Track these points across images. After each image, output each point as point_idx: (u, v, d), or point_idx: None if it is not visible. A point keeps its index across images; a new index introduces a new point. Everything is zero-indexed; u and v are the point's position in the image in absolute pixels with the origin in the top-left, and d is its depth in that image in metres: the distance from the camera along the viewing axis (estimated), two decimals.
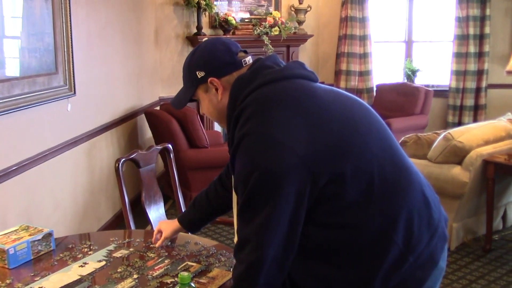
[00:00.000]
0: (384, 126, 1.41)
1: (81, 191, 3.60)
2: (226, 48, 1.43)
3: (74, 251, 1.86)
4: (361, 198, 1.26)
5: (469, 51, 6.33)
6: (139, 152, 2.34)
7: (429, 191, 1.41)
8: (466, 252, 3.65)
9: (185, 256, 1.81)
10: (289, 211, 1.22)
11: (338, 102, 1.35)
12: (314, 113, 1.28)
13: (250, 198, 1.24)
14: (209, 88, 1.43)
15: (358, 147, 1.29)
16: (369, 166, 1.28)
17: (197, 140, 4.54)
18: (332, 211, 1.26)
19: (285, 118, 1.25)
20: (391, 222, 1.28)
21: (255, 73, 1.37)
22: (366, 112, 1.40)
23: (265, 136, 1.23)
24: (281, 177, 1.20)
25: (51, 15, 3.01)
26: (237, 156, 1.28)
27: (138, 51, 4.87)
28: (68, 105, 3.32)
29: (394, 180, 1.31)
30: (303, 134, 1.23)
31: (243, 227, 1.27)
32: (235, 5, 6.04)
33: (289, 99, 1.30)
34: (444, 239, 1.40)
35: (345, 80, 6.69)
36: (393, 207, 1.29)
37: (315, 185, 1.22)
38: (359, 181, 1.26)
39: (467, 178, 3.46)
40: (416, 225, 1.31)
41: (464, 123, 6.29)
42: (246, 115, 1.29)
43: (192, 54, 1.48)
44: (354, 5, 6.50)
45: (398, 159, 1.36)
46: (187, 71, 1.47)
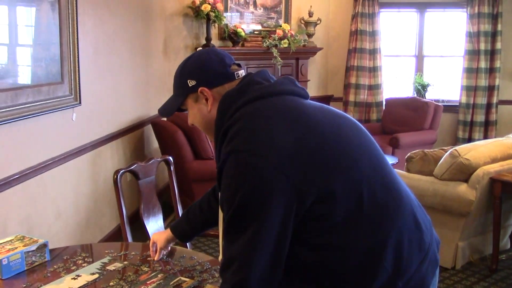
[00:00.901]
0: (375, 145, 1.38)
1: (84, 201, 3.60)
2: (219, 59, 1.42)
3: (68, 263, 1.85)
4: (349, 219, 1.23)
5: (480, 67, 6.29)
6: (139, 163, 2.33)
7: (421, 213, 1.38)
8: (472, 271, 3.58)
9: (179, 271, 1.79)
10: (275, 231, 1.19)
11: (328, 120, 1.33)
12: (303, 131, 1.25)
13: (235, 217, 1.22)
14: (199, 98, 1.42)
15: (347, 166, 1.26)
16: (358, 186, 1.25)
17: (203, 152, 4.53)
18: (319, 231, 1.24)
19: (272, 136, 1.23)
20: (380, 245, 1.25)
21: (243, 88, 1.35)
22: (357, 130, 1.37)
23: (251, 154, 1.21)
24: (266, 197, 1.18)
25: (57, 25, 3.03)
26: (223, 173, 1.26)
27: (146, 62, 4.89)
28: (73, 114, 3.33)
29: (384, 201, 1.28)
30: (290, 152, 1.21)
31: (228, 246, 1.25)
32: (246, 17, 6.06)
33: (276, 116, 1.27)
34: (435, 263, 1.36)
35: (354, 94, 6.66)
36: (382, 230, 1.26)
37: (302, 204, 1.20)
38: (347, 201, 1.23)
39: (474, 196, 3.41)
40: (405, 249, 1.28)
41: (474, 139, 6.23)
42: (232, 131, 1.27)
43: (185, 62, 1.47)
44: (364, 19, 6.49)
45: (388, 179, 1.34)
46: (179, 78, 1.45)
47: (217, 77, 1.40)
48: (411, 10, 6.74)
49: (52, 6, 2.96)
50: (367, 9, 6.47)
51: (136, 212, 3.48)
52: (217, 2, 5.43)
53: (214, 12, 5.37)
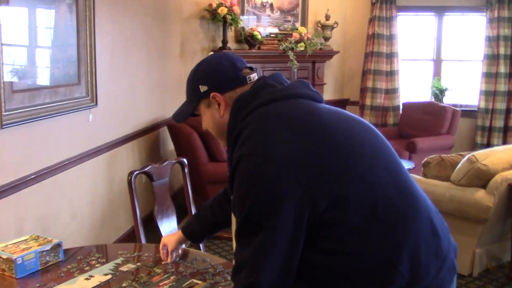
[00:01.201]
0: (390, 150, 1.36)
1: (100, 202, 3.62)
2: (230, 64, 1.41)
3: (82, 263, 1.86)
4: (363, 224, 1.21)
5: (499, 71, 6.20)
6: (153, 165, 2.34)
7: (438, 219, 1.35)
8: (490, 279, 3.53)
9: (191, 274, 1.78)
10: (286, 236, 1.18)
11: (342, 124, 1.32)
12: (316, 134, 1.24)
13: (247, 221, 1.21)
14: (211, 103, 1.41)
15: (362, 170, 1.24)
16: (373, 191, 1.24)
17: (218, 154, 4.54)
18: (333, 237, 1.22)
19: (284, 140, 1.22)
20: (396, 251, 1.23)
21: (256, 91, 1.34)
22: (372, 135, 1.35)
23: (263, 158, 1.20)
24: (278, 201, 1.17)
25: (75, 27, 3.05)
26: (235, 177, 1.25)
27: (163, 64, 4.91)
28: (90, 115, 3.35)
29: (400, 206, 1.26)
30: (303, 156, 1.19)
31: (239, 250, 1.24)
32: (263, 19, 6.06)
33: (289, 119, 1.26)
34: (453, 270, 1.34)
35: (371, 98, 6.62)
36: (398, 235, 1.24)
37: (314, 210, 1.18)
38: (361, 207, 1.21)
39: (491, 203, 3.35)
40: (423, 255, 1.25)
41: (493, 145, 6.14)
42: (245, 135, 1.27)
43: (196, 67, 1.47)
44: (381, 22, 6.45)
45: (405, 185, 1.31)
46: (191, 84, 1.46)
47: (229, 81, 1.40)
48: (429, 14, 6.68)
49: (70, 9, 2.99)
50: (385, 13, 6.43)
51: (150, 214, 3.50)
52: (233, 5, 5.44)
53: (231, 15, 5.38)
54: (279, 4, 6.14)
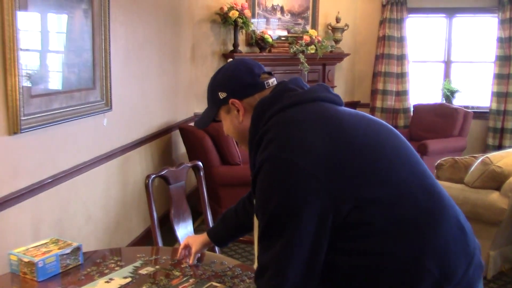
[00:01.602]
0: (412, 151, 1.36)
1: (113, 205, 3.65)
2: (248, 70, 1.43)
3: (101, 266, 1.87)
4: (390, 225, 1.22)
5: (511, 73, 6.16)
6: (169, 169, 2.35)
7: (463, 216, 1.35)
8: (504, 281, 3.51)
9: (210, 276, 1.80)
10: (310, 239, 1.18)
11: (364, 126, 1.32)
12: (338, 137, 1.25)
13: (270, 225, 1.22)
14: (231, 109, 1.43)
15: (386, 172, 1.25)
16: (398, 190, 1.24)
17: (230, 157, 4.55)
18: (358, 237, 1.22)
19: (307, 143, 1.22)
20: (424, 250, 1.23)
21: (277, 96, 1.35)
22: (393, 136, 1.36)
23: (286, 161, 1.20)
24: (301, 205, 1.18)
25: (90, 32, 3.08)
26: (258, 181, 1.26)
27: (174, 67, 4.94)
28: (104, 120, 3.38)
29: (426, 206, 1.26)
30: (326, 160, 1.20)
31: (263, 253, 1.25)
32: (273, 23, 6.07)
33: (311, 122, 1.27)
34: (480, 267, 1.33)
35: (381, 100, 6.61)
36: (426, 235, 1.24)
37: (338, 213, 1.19)
38: (387, 208, 1.22)
39: (506, 205, 3.34)
40: (452, 253, 1.25)
41: (505, 146, 6.11)
42: (267, 139, 1.27)
43: (215, 74, 1.49)
44: (392, 25, 6.44)
45: (429, 184, 1.31)
46: (210, 91, 1.48)
47: (247, 88, 1.41)
48: (440, 16, 6.67)
49: (85, 14, 3.02)
50: (395, 15, 6.42)
51: (163, 217, 3.51)
52: (245, 8, 5.46)
53: (242, 19, 5.39)
54: (289, 7, 6.16)
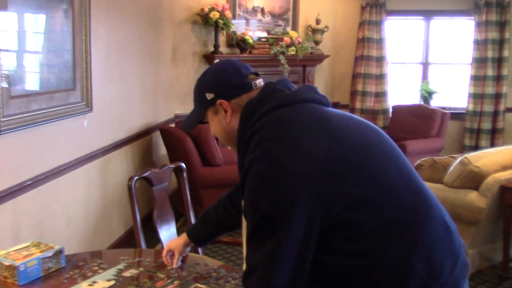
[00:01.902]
0: (398, 151, 1.38)
1: (94, 207, 3.61)
2: (235, 71, 1.43)
3: (84, 269, 1.85)
4: (378, 225, 1.22)
5: (487, 74, 6.29)
6: (153, 170, 2.34)
7: (448, 216, 1.37)
8: (482, 279, 3.57)
9: (195, 278, 1.79)
10: (298, 239, 1.19)
11: (351, 126, 1.33)
12: (327, 138, 1.25)
13: (259, 226, 1.22)
14: (218, 110, 1.43)
15: (373, 172, 1.26)
16: (386, 192, 1.25)
17: (211, 158, 4.54)
18: (347, 238, 1.23)
19: (296, 143, 1.23)
20: (411, 250, 1.24)
21: (265, 97, 1.35)
22: (380, 137, 1.37)
23: (275, 162, 1.21)
24: (290, 205, 1.18)
25: (71, 32, 3.05)
26: (247, 181, 1.26)
27: (155, 68, 4.92)
28: (85, 121, 3.35)
29: (413, 206, 1.28)
30: (315, 160, 1.20)
31: (251, 254, 1.25)
32: (253, 24, 6.08)
33: (300, 123, 1.28)
34: (466, 266, 1.35)
35: (360, 101, 6.67)
36: (413, 234, 1.25)
37: (327, 214, 1.19)
38: (375, 208, 1.22)
39: (484, 204, 3.40)
40: (438, 253, 1.27)
41: (481, 147, 6.22)
42: (256, 139, 1.27)
43: (202, 75, 1.48)
44: (371, 26, 6.51)
45: (416, 184, 1.33)
46: (197, 92, 1.47)
47: (234, 88, 1.41)
48: (418, 18, 6.76)
49: (66, 14, 2.98)
50: (374, 17, 6.49)
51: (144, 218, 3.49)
52: (225, 9, 5.45)
53: (223, 20, 5.39)
54: (270, 8, 6.17)
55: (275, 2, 6.19)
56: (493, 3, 6.18)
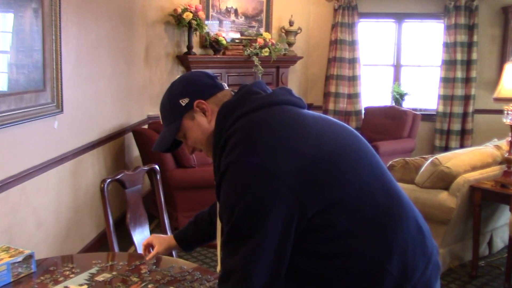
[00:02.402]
0: (373, 153, 1.39)
1: (65, 210, 3.55)
2: (203, 74, 1.45)
3: (55, 274, 1.82)
4: (353, 227, 1.23)
5: (457, 76, 6.42)
6: (126, 172, 2.31)
7: (421, 218, 1.38)
8: (453, 278, 3.64)
9: (169, 281, 1.77)
10: (275, 242, 1.19)
11: (327, 129, 1.34)
12: (304, 140, 1.25)
13: (235, 229, 1.21)
14: (196, 113, 1.41)
15: (348, 175, 1.26)
16: (361, 194, 1.26)
17: (184, 160, 4.51)
18: (322, 240, 1.23)
19: (272, 146, 1.22)
20: (385, 252, 1.25)
21: (242, 99, 1.35)
22: (355, 138, 1.38)
23: (251, 165, 1.20)
24: (267, 208, 1.17)
25: (41, 32, 2.99)
26: (222, 185, 1.25)
27: (128, 69, 4.86)
28: (55, 122, 3.28)
29: (387, 208, 1.28)
30: (291, 163, 1.20)
31: (227, 257, 1.24)
32: (226, 25, 6.07)
33: (276, 126, 1.27)
34: (438, 267, 1.37)
35: (333, 102, 6.72)
36: (387, 236, 1.26)
37: (303, 216, 1.20)
38: (350, 210, 1.23)
39: (454, 204, 3.46)
40: (410, 254, 1.28)
41: (451, 147, 6.35)
42: (232, 142, 1.26)
43: (170, 88, 1.47)
44: (343, 29, 6.57)
45: (389, 186, 1.34)
46: (168, 104, 1.44)
47: (208, 87, 1.42)
48: (389, 21, 6.85)
49: (35, 13, 2.92)
50: (347, 19, 6.55)
51: (117, 221, 3.44)
52: (198, 10, 5.43)
53: (196, 20, 5.36)
54: (243, 9, 6.17)
55: (248, 4, 6.20)
56: (462, 6, 6.31)
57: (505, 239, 3.98)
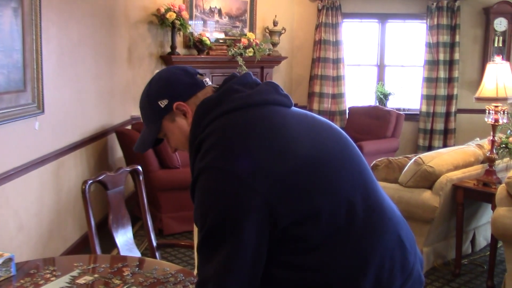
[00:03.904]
0: (359, 159, 1.33)
1: (47, 212, 3.50)
2: (182, 71, 1.36)
3: (36, 277, 1.79)
4: (325, 240, 1.19)
5: (439, 76, 6.48)
6: (107, 174, 2.28)
7: (406, 231, 1.32)
8: (436, 276, 3.66)
9: (152, 283, 1.75)
10: (249, 250, 1.15)
11: (311, 133, 1.27)
12: (281, 147, 1.19)
13: (209, 236, 1.18)
14: (176, 115, 1.34)
15: (326, 186, 1.21)
16: (337, 207, 1.20)
17: (168, 161, 4.48)
18: (295, 252, 1.19)
19: (247, 152, 1.17)
20: (360, 267, 1.20)
21: (221, 97, 1.28)
22: (341, 142, 1.32)
23: (225, 171, 1.16)
24: (240, 216, 1.14)
25: (20, 31, 2.94)
26: (196, 190, 1.21)
27: (111, 69, 4.81)
28: (36, 123, 3.24)
29: (366, 221, 1.23)
30: (266, 170, 1.16)
31: (202, 265, 1.20)
32: (210, 25, 6.05)
33: (253, 130, 1.21)
34: (420, 283, 1.31)
35: (318, 102, 6.74)
36: (363, 251, 1.21)
37: (276, 225, 1.16)
38: (324, 223, 1.18)
39: (437, 203, 3.49)
40: (387, 270, 1.22)
41: (434, 147, 6.40)
42: (206, 145, 1.22)
43: (148, 87, 1.39)
44: (327, 29, 6.58)
45: (372, 197, 1.28)
46: (148, 106, 1.37)
47: (188, 87, 1.33)
48: (373, 21, 6.89)
49: (15, 12, 2.88)
50: (331, 19, 6.57)
51: (100, 222, 3.41)
52: (182, 10, 5.40)
53: (179, 20, 5.33)
54: (227, 10, 6.16)
55: (232, 4, 6.18)
56: (444, 7, 6.37)
57: (488, 237, 4.02)
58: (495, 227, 3.03)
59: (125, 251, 2.26)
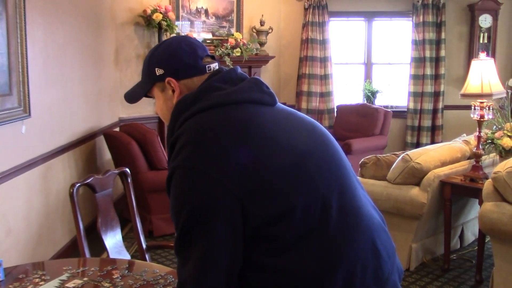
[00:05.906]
0: (340, 162, 1.31)
1: (36, 216, 3.48)
2: (191, 50, 1.34)
3: (25, 282, 1.78)
4: (299, 242, 1.17)
5: (426, 73, 6.53)
6: (95, 176, 2.27)
7: (384, 240, 1.29)
8: (426, 272, 3.69)
9: (142, 285, 1.75)
10: (223, 249, 1.15)
11: (290, 133, 1.26)
12: (255, 149, 1.19)
13: (183, 235, 1.18)
14: (166, 88, 1.35)
15: (300, 189, 1.19)
16: (311, 207, 1.19)
17: (157, 162, 4.47)
18: (268, 253, 1.18)
19: (220, 152, 1.17)
20: (329, 273, 1.18)
21: (198, 95, 1.27)
22: (321, 141, 1.31)
23: (197, 171, 1.16)
24: (213, 216, 1.14)
25: (5, 35, 2.92)
26: (171, 188, 1.21)
27: (98, 71, 4.79)
28: (23, 127, 3.21)
29: (339, 225, 1.21)
30: (239, 171, 1.15)
31: (181, 266, 1.20)
32: (197, 26, 6.04)
33: (226, 131, 1.20)
34: None
35: (306, 101, 6.75)
36: (332, 257, 1.19)
37: (248, 225, 1.16)
38: (294, 226, 1.17)
39: (425, 199, 3.52)
40: (358, 278, 1.20)
41: (422, 143, 6.45)
42: (180, 143, 1.22)
43: (155, 48, 1.40)
44: (314, 28, 6.60)
45: (349, 202, 1.26)
46: (147, 65, 1.38)
47: (186, 68, 1.33)
48: (359, 19, 6.92)
49: None
50: (317, 18, 6.59)
51: (89, 225, 3.39)
52: (168, 11, 5.39)
53: (166, 21, 5.33)
54: (214, 10, 6.15)
55: (219, 4, 6.18)
56: (429, 4, 6.42)
57: (476, 232, 4.07)
58: (483, 222, 3.07)
59: (115, 253, 2.26)
